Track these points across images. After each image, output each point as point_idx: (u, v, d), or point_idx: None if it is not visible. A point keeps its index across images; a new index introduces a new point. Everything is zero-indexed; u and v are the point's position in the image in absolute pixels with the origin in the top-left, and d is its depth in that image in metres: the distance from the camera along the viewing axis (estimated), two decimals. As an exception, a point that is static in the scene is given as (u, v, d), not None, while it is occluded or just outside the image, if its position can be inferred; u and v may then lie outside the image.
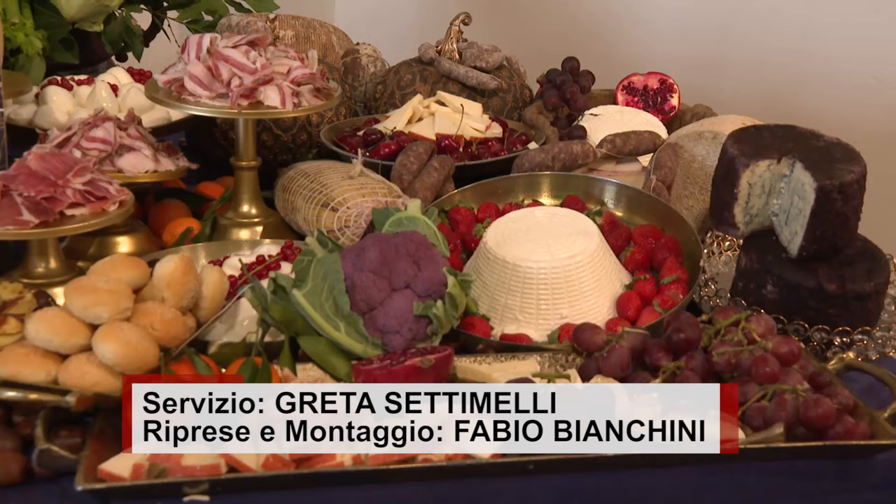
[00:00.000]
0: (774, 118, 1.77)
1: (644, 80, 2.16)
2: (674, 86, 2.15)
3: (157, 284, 1.37)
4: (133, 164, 1.71)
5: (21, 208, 1.49)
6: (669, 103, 2.14)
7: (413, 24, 3.23)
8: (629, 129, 1.91)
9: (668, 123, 2.10)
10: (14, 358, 1.26)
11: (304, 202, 1.73)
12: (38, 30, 1.97)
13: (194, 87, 1.71)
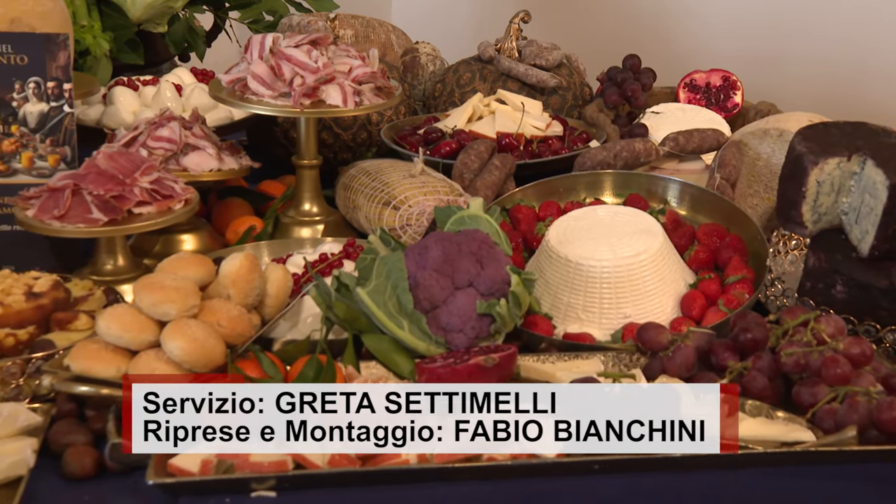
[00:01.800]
0: (838, 115, 1.74)
1: (706, 77, 2.13)
2: (737, 83, 2.12)
3: (223, 282, 1.39)
4: (197, 163, 1.73)
5: (91, 207, 1.52)
6: (732, 100, 2.12)
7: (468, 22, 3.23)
8: (691, 127, 1.89)
9: (730, 121, 2.07)
10: (86, 354, 1.29)
11: (366, 200, 1.73)
12: (105, 32, 2.00)
13: (257, 86, 1.73)
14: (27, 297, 1.38)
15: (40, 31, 1.62)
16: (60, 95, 1.63)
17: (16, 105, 1.62)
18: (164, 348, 1.29)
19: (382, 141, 2.00)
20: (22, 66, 1.61)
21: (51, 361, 1.31)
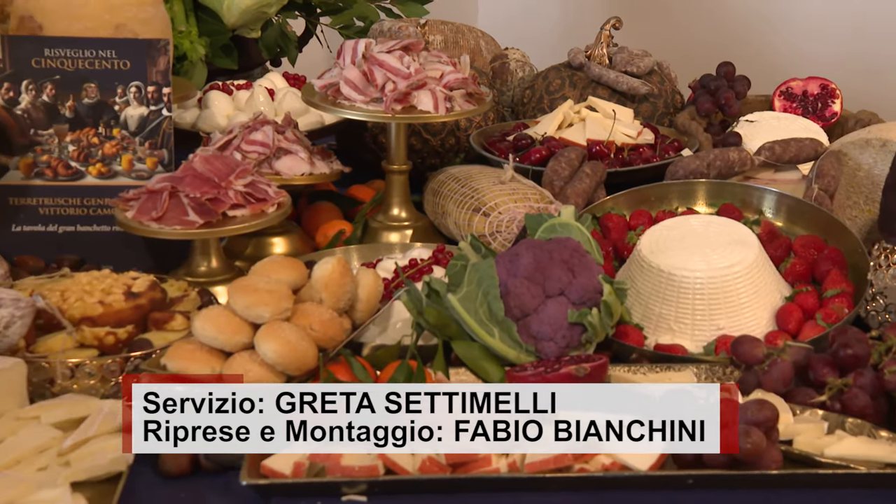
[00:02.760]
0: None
1: (803, 84, 2.09)
2: (836, 91, 2.07)
3: (315, 286, 1.40)
4: (289, 167, 1.75)
5: (187, 209, 1.54)
6: (831, 109, 2.07)
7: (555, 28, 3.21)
8: (787, 136, 1.85)
9: (828, 130, 2.02)
10: (182, 354, 1.31)
11: (455, 206, 1.74)
12: (201, 37, 2.04)
13: (349, 91, 1.74)
14: (126, 296, 1.41)
15: (142, 37, 1.66)
16: (160, 99, 1.67)
17: (118, 109, 1.66)
18: (257, 350, 1.30)
19: (471, 147, 2.00)
20: (124, 71, 1.65)
21: (148, 360, 1.34)
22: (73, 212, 1.66)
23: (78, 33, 1.63)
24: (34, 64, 1.62)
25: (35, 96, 1.63)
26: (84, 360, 1.33)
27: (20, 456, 1.16)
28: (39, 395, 1.31)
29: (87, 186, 1.66)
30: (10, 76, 1.61)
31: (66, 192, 1.66)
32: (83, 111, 1.65)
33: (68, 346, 1.34)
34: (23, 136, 1.63)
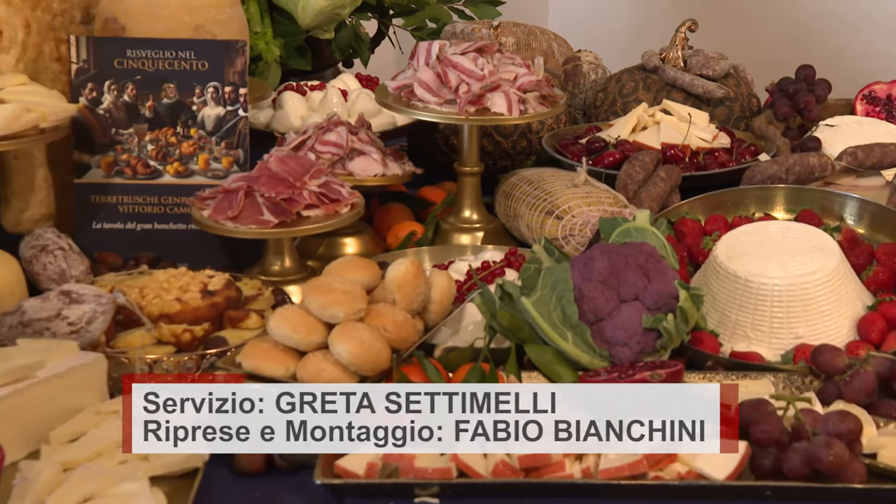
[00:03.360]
0: None
1: (888, 88, 2.04)
2: (921, 95, 2.02)
3: (389, 287, 1.40)
4: (363, 168, 1.76)
5: (262, 208, 1.56)
6: (916, 113, 2.02)
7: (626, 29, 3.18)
8: (870, 141, 1.81)
9: (913, 135, 1.98)
10: (257, 352, 1.32)
11: (528, 209, 1.73)
12: (276, 38, 2.06)
13: (423, 92, 1.74)
14: (202, 294, 1.43)
15: (220, 38, 1.68)
16: (236, 100, 1.69)
17: (195, 109, 1.68)
18: (332, 350, 1.31)
19: (542, 149, 1.99)
20: (202, 72, 1.67)
21: (224, 358, 1.35)
22: (150, 210, 1.69)
23: (159, 34, 1.66)
24: (116, 65, 1.65)
25: (117, 96, 1.66)
26: (161, 356, 1.34)
27: (101, 449, 1.18)
28: (119, 389, 1.33)
29: (165, 185, 1.69)
30: (93, 76, 1.65)
31: (144, 191, 1.68)
32: (162, 111, 1.68)
33: (147, 342, 1.36)
34: (104, 135, 1.67)
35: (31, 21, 1.61)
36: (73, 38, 1.64)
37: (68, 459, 1.16)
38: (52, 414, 1.22)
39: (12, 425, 1.17)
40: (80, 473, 1.13)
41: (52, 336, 1.30)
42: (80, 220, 1.68)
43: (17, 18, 1.59)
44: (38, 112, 1.52)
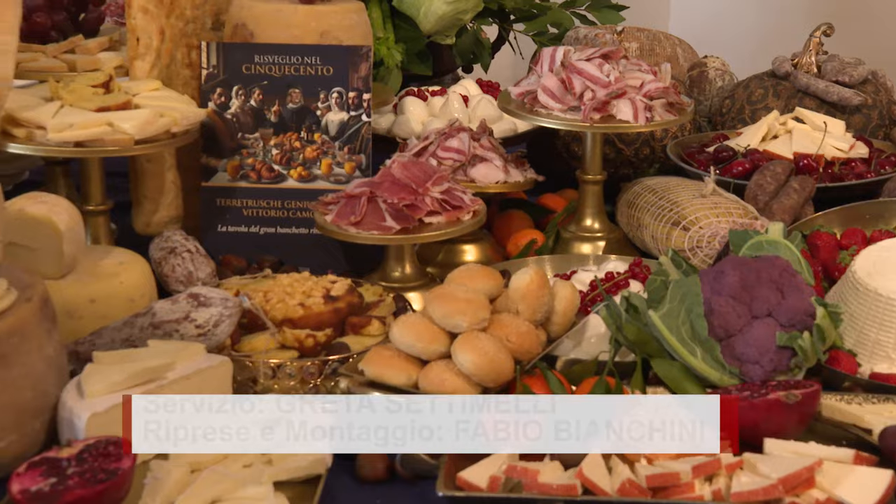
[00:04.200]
0: None
1: None
2: None
3: (513, 297, 1.38)
4: (484, 175, 1.75)
5: (385, 214, 1.56)
6: None
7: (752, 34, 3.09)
8: None
9: None
10: (379, 360, 1.32)
11: (653, 219, 1.68)
12: (398, 43, 2.06)
13: (547, 99, 1.72)
14: (325, 300, 1.43)
15: (345, 44, 1.69)
16: (360, 105, 1.69)
17: (319, 114, 1.69)
18: (454, 360, 1.29)
19: (665, 157, 1.94)
20: (327, 77, 1.68)
21: (346, 364, 1.35)
22: (274, 214, 1.71)
23: (286, 41, 1.67)
24: (244, 70, 1.67)
25: (244, 101, 1.68)
26: (285, 361, 1.35)
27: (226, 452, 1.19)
28: (242, 392, 1.35)
29: (288, 189, 1.70)
30: (222, 82, 1.67)
31: (268, 195, 1.70)
32: (287, 116, 1.69)
33: (271, 346, 1.37)
34: (231, 139, 1.69)
35: (166, 28, 1.65)
36: (203, 44, 1.67)
37: (195, 461, 1.17)
38: (179, 415, 1.23)
39: (143, 425, 1.19)
40: (206, 476, 1.14)
41: (180, 338, 1.32)
42: (206, 222, 1.71)
43: (153, 26, 1.62)
44: (171, 117, 1.55)
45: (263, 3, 1.71)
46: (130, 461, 1.10)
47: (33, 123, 1.48)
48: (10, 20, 1.34)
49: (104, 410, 1.16)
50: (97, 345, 1.32)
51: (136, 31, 1.63)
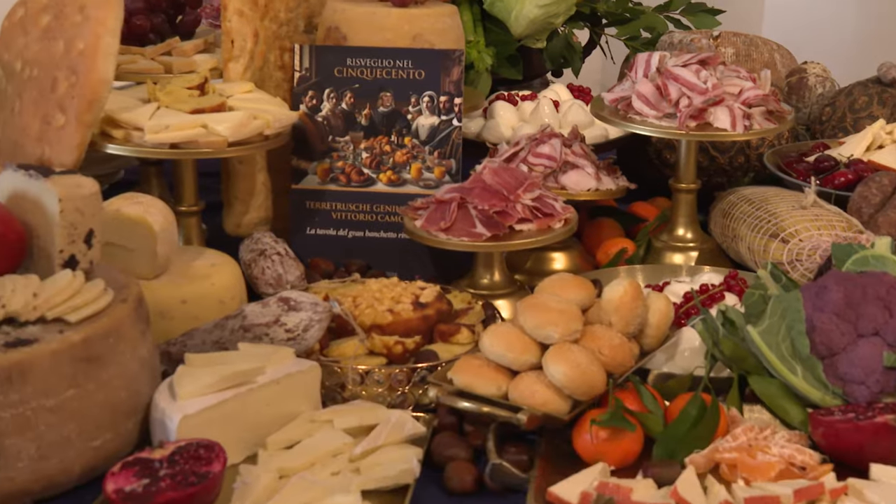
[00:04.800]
0: None
1: None
2: None
3: (606, 308, 1.35)
4: (576, 182, 1.72)
5: (475, 221, 1.54)
6: None
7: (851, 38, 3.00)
8: None
9: None
10: (468, 369, 1.30)
11: (749, 230, 1.64)
12: (488, 47, 2.04)
13: (641, 105, 1.68)
14: (414, 306, 1.42)
15: (438, 48, 1.67)
16: (451, 109, 1.67)
17: (410, 118, 1.68)
18: (545, 371, 1.27)
19: (761, 166, 1.88)
20: (419, 81, 1.67)
21: (435, 373, 1.33)
22: (362, 217, 1.70)
23: (378, 44, 1.67)
24: (337, 73, 1.67)
25: (335, 104, 1.68)
26: (373, 367, 1.34)
27: (315, 459, 1.18)
28: (330, 398, 1.34)
29: (377, 193, 1.69)
30: (314, 84, 1.67)
31: (357, 198, 1.70)
32: (378, 119, 1.69)
33: (360, 352, 1.36)
34: (322, 142, 1.69)
35: (260, 31, 1.65)
36: (297, 46, 1.67)
37: (284, 467, 1.17)
38: (268, 419, 1.23)
39: (233, 428, 1.19)
40: (295, 482, 1.13)
41: (269, 341, 1.32)
42: (295, 225, 1.71)
43: (248, 28, 1.63)
44: (264, 119, 1.55)
45: (357, 6, 1.70)
46: (221, 465, 1.10)
47: (131, 125, 1.49)
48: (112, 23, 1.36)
49: (195, 413, 1.16)
50: (188, 346, 1.33)
51: (230, 33, 1.64)
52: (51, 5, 1.45)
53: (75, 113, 1.42)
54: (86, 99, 1.42)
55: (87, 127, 1.43)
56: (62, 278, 1.17)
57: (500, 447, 1.24)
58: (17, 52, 1.48)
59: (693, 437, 1.23)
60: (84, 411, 1.12)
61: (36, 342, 1.09)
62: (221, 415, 1.19)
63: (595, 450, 1.23)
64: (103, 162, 1.90)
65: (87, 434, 1.12)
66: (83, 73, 1.41)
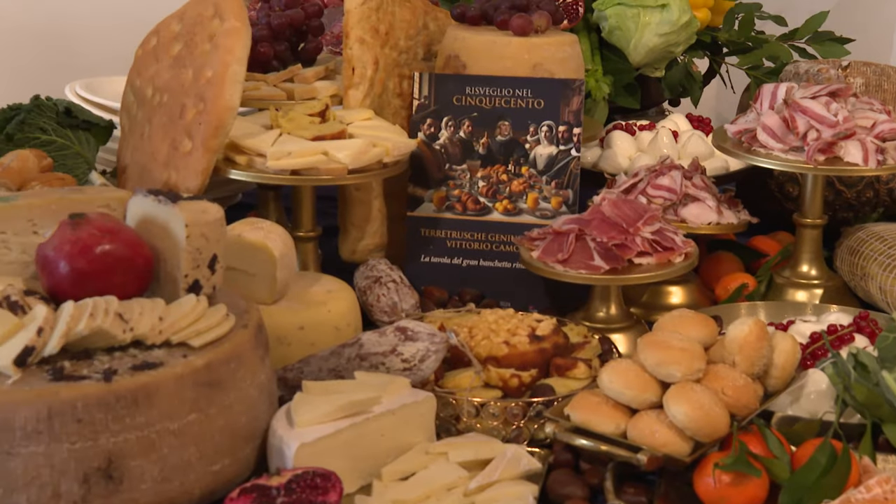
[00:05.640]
0: None
1: None
2: None
3: (729, 347, 1.30)
4: (696, 215, 1.67)
5: (593, 253, 1.51)
6: None
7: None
8: None
9: None
10: (586, 405, 1.27)
11: (881, 269, 1.57)
12: (605, 75, 2.02)
13: (766, 138, 1.63)
14: (530, 339, 1.40)
15: (558, 77, 1.66)
16: (570, 139, 1.65)
17: (528, 147, 1.67)
18: (666, 411, 1.23)
19: (889, 202, 1.81)
20: (538, 110, 1.65)
21: (551, 408, 1.31)
22: (477, 246, 1.69)
23: (498, 72, 1.66)
24: (455, 101, 1.67)
25: (453, 132, 1.68)
26: (489, 400, 1.32)
27: (430, 492, 1.17)
28: (444, 430, 1.33)
29: (493, 222, 1.68)
30: (433, 112, 1.67)
31: (472, 227, 1.69)
32: (495, 148, 1.68)
33: (475, 384, 1.34)
34: (439, 170, 1.69)
35: (380, 58, 1.66)
36: (416, 74, 1.67)
37: (399, 499, 1.16)
38: (383, 450, 1.23)
39: (348, 458, 1.19)
40: (410, 515, 1.12)
41: (385, 371, 1.32)
42: (409, 252, 1.71)
43: (368, 56, 1.64)
44: (383, 147, 1.56)
45: (477, 34, 1.70)
46: (337, 495, 1.10)
47: (254, 151, 1.52)
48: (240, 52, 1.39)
49: (313, 441, 1.16)
50: (305, 373, 1.33)
51: (352, 60, 1.65)
52: (182, 34, 1.48)
53: (202, 139, 1.45)
54: (212, 125, 1.44)
55: (212, 152, 1.46)
56: (186, 303, 1.19)
57: (618, 487, 1.21)
58: (148, 79, 1.52)
59: (823, 486, 1.18)
60: (205, 435, 1.13)
61: (161, 366, 1.11)
62: (338, 444, 1.18)
63: (718, 494, 1.18)
64: (222, 185, 1.93)
65: (207, 458, 1.13)
66: (210, 100, 1.44)
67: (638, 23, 1.99)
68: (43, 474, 1.04)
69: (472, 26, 1.74)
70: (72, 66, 2.43)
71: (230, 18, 1.46)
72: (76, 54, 2.59)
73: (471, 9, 1.74)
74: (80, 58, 2.54)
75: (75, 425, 1.04)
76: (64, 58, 2.58)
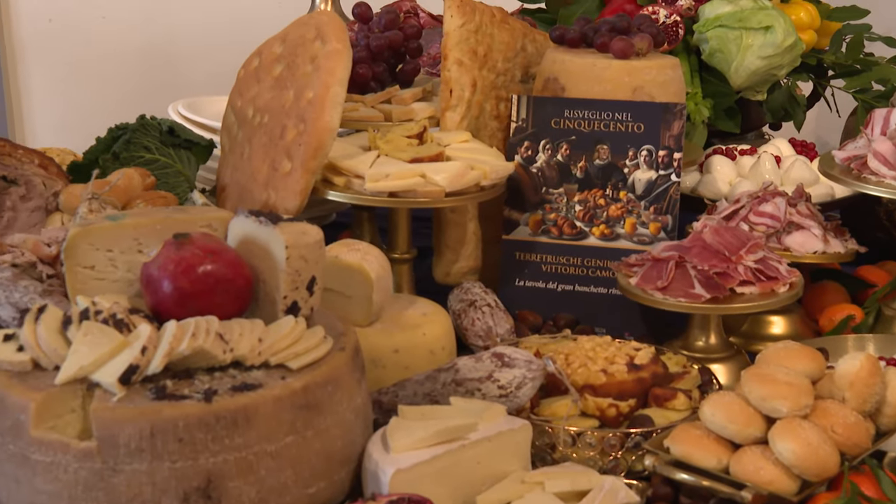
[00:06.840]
0: None
1: None
2: None
3: (839, 382, 1.26)
4: (801, 244, 1.62)
5: (694, 281, 1.47)
6: None
7: None
8: None
9: None
10: (687, 438, 1.23)
11: None
12: (705, 99, 1.98)
13: (878, 165, 1.58)
14: (629, 368, 1.37)
15: (658, 101, 1.63)
16: (669, 164, 1.62)
17: (626, 171, 1.64)
18: (772, 447, 1.19)
19: None
20: (638, 134, 1.62)
21: (650, 440, 1.28)
22: (572, 271, 1.67)
23: (597, 95, 1.64)
24: (553, 124, 1.65)
25: (550, 155, 1.66)
26: (586, 429, 1.30)
27: (525, 523, 1.15)
28: (539, 458, 1.30)
29: (589, 247, 1.66)
30: (530, 135, 1.66)
31: (568, 251, 1.66)
32: (593, 172, 1.65)
33: (573, 413, 1.32)
34: (535, 193, 1.67)
35: (478, 80, 1.65)
36: (514, 97, 1.66)
37: (494, 529, 1.14)
38: (478, 477, 1.21)
39: (444, 485, 1.18)
40: (506, 546, 1.10)
41: (481, 397, 1.30)
42: (504, 275, 1.69)
43: (466, 78, 1.63)
44: (481, 170, 1.54)
45: (577, 57, 1.68)
46: (432, 523, 1.08)
47: (352, 172, 1.52)
48: (341, 74, 1.39)
49: (408, 467, 1.15)
50: (400, 396, 1.32)
51: (449, 82, 1.65)
52: (284, 55, 1.50)
53: (301, 160, 1.46)
54: (312, 146, 1.45)
55: (311, 173, 1.46)
56: (285, 324, 1.19)
57: (720, 525, 1.17)
58: (249, 100, 1.54)
59: (939, 531, 1.12)
60: (301, 458, 1.12)
61: (260, 387, 1.11)
62: (433, 470, 1.17)
63: (827, 537, 1.14)
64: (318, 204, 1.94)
65: (303, 481, 1.13)
66: (311, 121, 1.44)
67: (740, 45, 1.95)
68: (145, 492, 1.05)
69: (571, 48, 1.72)
70: (175, 85, 2.48)
71: (332, 41, 1.47)
72: (180, 74, 2.65)
73: (570, 31, 1.72)
74: (183, 78, 2.60)
75: (176, 444, 1.05)
76: (168, 77, 2.64)
